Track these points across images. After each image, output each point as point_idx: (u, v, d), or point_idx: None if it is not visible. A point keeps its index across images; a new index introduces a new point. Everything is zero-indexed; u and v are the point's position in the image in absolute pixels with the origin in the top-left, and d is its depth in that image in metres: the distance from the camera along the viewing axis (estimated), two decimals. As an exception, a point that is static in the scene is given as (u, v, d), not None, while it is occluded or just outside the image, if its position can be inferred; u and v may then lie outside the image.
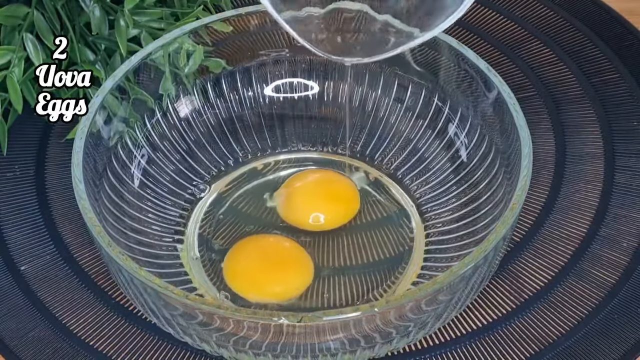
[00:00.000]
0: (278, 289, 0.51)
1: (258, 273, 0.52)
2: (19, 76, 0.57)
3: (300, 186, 0.57)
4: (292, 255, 0.53)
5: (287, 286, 0.51)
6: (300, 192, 0.56)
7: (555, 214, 0.57)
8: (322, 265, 0.53)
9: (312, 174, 0.58)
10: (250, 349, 0.46)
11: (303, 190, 0.56)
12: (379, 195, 0.58)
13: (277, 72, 0.60)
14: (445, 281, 0.44)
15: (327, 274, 0.53)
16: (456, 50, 0.54)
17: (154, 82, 0.56)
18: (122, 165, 0.55)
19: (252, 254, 0.53)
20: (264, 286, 0.51)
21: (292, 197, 0.56)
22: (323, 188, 0.57)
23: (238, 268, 0.52)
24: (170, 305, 0.45)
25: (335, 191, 0.57)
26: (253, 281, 0.52)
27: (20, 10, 0.57)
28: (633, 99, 0.63)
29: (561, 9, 0.69)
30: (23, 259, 0.55)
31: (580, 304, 0.53)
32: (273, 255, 0.53)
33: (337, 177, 0.58)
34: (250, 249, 0.53)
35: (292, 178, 0.57)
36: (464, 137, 0.56)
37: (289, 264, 0.53)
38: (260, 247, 0.54)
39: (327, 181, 0.57)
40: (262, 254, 0.53)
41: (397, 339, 0.47)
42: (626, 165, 0.59)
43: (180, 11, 0.61)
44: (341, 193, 0.57)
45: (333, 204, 0.56)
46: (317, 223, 0.55)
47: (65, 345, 0.51)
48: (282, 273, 0.52)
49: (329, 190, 0.57)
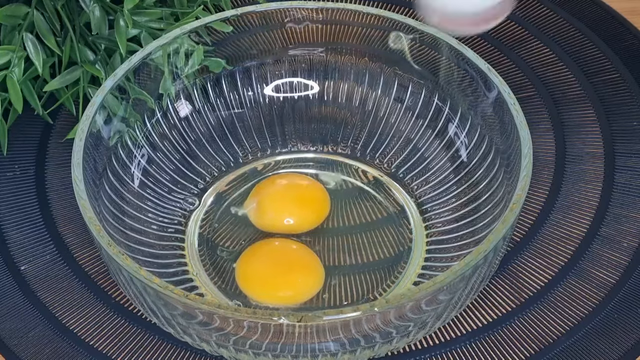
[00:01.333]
0: (290, 293, 0.51)
1: (272, 277, 0.52)
2: (19, 76, 0.57)
3: (270, 193, 0.56)
4: (306, 260, 0.53)
5: (300, 290, 0.52)
6: (270, 199, 0.56)
7: (555, 214, 0.57)
8: (323, 265, 0.53)
9: (278, 180, 0.58)
10: (250, 349, 0.46)
11: (273, 196, 0.56)
12: (378, 195, 0.58)
13: (277, 72, 0.60)
14: (445, 281, 0.44)
15: (327, 273, 0.53)
16: (456, 50, 0.54)
17: (154, 82, 0.56)
18: (122, 165, 0.55)
19: (266, 257, 0.53)
20: (277, 289, 0.51)
21: (262, 205, 0.55)
22: (292, 192, 0.57)
23: (252, 270, 0.52)
24: (170, 305, 0.45)
25: (304, 194, 0.57)
26: (266, 284, 0.52)
27: (20, 10, 0.57)
28: (633, 99, 0.63)
29: (561, 9, 0.69)
30: (23, 259, 0.55)
31: (580, 304, 0.53)
32: (287, 259, 0.53)
33: (303, 180, 0.57)
34: (264, 252, 0.53)
35: (259, 186, 0.57)
36: (464, 137, 0.56)
37: (302, 269, 0.53)
38: (273, 250, 0.53)
39: (294, 186, 0.57)
40: (275, 257, 0.53)
41: (397, 339, 0.47)
42: (626, 165, 0.59)
43: (180, 11, 0.61)
44: (309, 196, 0.56)
45: (303, 207, 0.56)
46: (289, 225, 0.55)
47: (65, 345, 0.51)
48: (295, 277, 0.52)
49: (298, 194, 0.57)
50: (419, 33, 0.56)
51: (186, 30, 0.56)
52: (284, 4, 0.58)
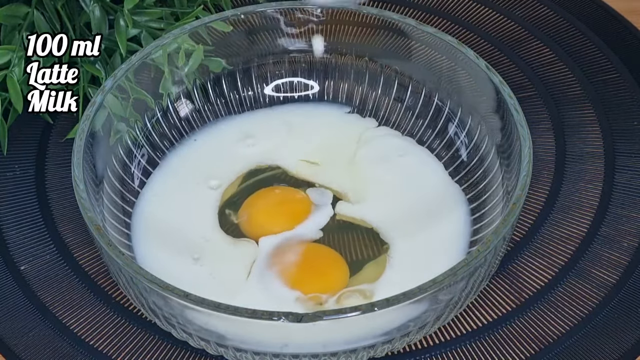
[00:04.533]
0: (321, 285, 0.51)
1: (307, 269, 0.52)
2: (19, 76, 0.57)
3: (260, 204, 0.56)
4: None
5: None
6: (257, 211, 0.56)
7: (555, 214, 0.57)
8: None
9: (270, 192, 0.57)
10: (251, 349, 0.46)
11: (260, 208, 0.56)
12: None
13: (277, 72, 0.60)
14: (445, 281, 0.44)
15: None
16: (456, 49, 0.54)
17: (154, 82, 0.56)
18: (122, 165, 0.55)
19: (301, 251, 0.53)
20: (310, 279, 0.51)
21: (252, 217, 0.55)
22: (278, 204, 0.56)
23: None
24: (170, 305, 0.45)
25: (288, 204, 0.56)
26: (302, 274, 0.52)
27: (20, 10, 0.57)
28: (633, 99, 0.63)
29: (561, 9, 0.69)
30: (23, 259, 0.55)
31: (580, 304, 0.53)
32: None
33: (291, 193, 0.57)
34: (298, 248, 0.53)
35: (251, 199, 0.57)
36: (464, 136, 0.56)
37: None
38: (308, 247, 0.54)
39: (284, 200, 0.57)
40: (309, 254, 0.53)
41: (397, 339, 0.47)
42: (626, 164, 0.59)
43: (180, 11, 0.61)
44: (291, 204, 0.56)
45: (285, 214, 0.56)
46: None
47: (65, 345, 0.51)
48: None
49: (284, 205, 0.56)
50: (419, 33, 0.56)
51: (186, 30, 0.56)
52: (284, 4, 0.58)
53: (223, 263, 0.52)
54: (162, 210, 0.55)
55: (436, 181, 0.56)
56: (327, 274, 0.52)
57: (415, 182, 0.56)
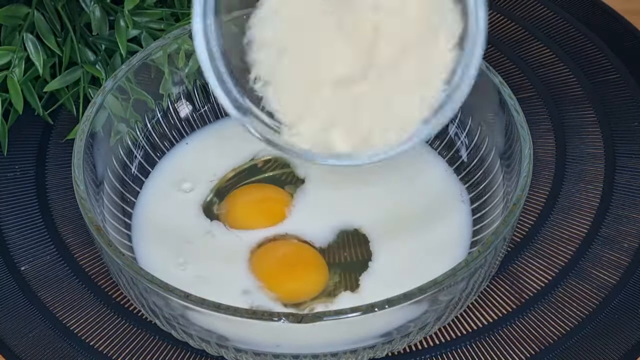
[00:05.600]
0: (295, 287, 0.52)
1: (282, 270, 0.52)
2: (20, 76, 0.57)
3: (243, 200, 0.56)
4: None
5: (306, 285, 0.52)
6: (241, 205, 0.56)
7: (555, 215, 0.57)
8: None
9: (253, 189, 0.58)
10: (251, 349, 0.46)
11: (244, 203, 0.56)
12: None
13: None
14: (445, 282, 0.44)
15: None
16: (456, 50, 0.54)
17: (154, 82, 0.56)
18: (123, 166, 0.55)
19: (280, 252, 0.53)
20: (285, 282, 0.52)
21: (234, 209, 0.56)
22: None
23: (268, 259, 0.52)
24: (171, 306, 0.45)
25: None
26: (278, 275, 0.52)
27: (21, 10, 0.57)
28: (633, 99, 0.63)
29: (561, 9, 0.69)
30: (23, 259, 0.55)
31: (580, 305, 0.53)
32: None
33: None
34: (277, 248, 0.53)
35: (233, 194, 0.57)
36: (464, 137, 0.56)
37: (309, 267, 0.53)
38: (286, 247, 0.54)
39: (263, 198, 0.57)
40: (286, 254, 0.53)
41: (397, 339, 0.47)
42: (627, 165, 0.59)
43: (180, 11, 0.61)
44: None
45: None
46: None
47: (65, 345, 0.51)
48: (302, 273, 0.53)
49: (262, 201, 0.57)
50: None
51: (186, 30, 0.56)
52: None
53: (222, 263, 0.52)
54: (162, 210, 0.55)
55: (436, 182, 0.56)
56: (302, 278, 0.52)
57: (415, 182, 0.56)
